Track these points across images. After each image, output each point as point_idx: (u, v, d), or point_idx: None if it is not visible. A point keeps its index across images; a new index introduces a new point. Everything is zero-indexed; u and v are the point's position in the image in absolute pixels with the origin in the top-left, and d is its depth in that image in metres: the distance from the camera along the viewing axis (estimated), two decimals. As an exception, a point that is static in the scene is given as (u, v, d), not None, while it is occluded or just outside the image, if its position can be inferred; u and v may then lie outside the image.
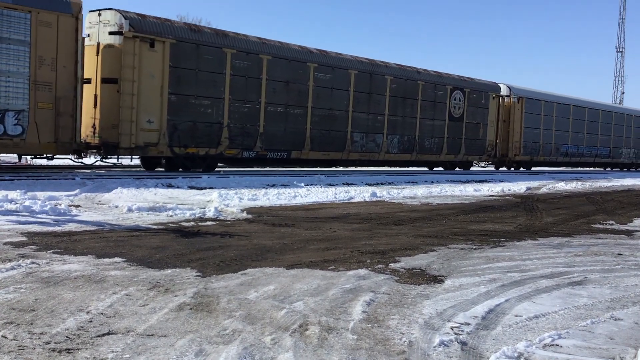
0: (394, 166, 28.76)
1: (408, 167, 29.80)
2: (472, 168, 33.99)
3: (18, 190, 11.10)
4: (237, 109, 19.84)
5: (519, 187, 20.62)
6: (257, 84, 20.36)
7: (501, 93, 32.64)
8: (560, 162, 38.98)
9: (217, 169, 22.16)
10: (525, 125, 34.08)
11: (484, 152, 31.14)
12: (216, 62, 19.24)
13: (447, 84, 28.69)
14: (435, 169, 30.53)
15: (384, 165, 28.59)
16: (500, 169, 35.03)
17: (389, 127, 25.67)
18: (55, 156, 16.73)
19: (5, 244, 6.73)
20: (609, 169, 45.84)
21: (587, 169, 43.30)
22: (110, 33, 16.93)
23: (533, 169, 37.20)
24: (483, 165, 37.93)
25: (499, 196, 17.21)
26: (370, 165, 28.10)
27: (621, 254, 7.77)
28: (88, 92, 16.98)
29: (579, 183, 24.68)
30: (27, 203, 9.86)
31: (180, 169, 19.23)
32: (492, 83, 32.14)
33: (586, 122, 40.22)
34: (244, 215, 10.38)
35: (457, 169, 30.99)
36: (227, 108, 19.56)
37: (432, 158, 28.55)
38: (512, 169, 35.38)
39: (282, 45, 21.55)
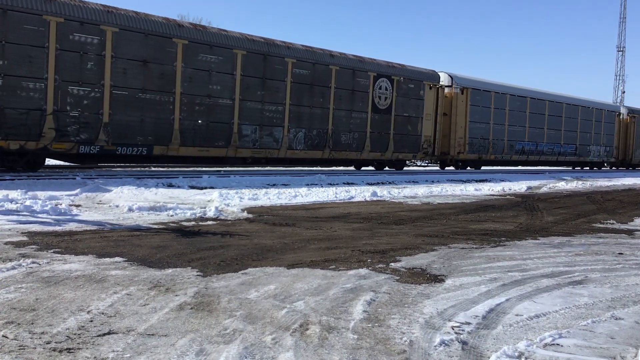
0: (300, 165, 24.43)
1: (321, 166, 25.98)
2: (412, 168, 30.98)
3: (19, 190, 11.11)
4: (69, 93, 16.00)
5: (519, 186, 20.62)
6: (100, 63, 16.56)
7: (441, 82, 28.74)
8: (515, 161, 34.99)
9: (217, 169, 22.04)
10: (472, 120, 30.25)
11: (419, 149, 27.23)
12: (35, 33, 15.33)
13: (370, 70, 24.63)
14: (363, 168, 27.23)
15: (287, 164, 24.27)
16: (447, 168, 31.44)
17: (292, 120, 21.81)
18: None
19: (6, 243, 6.73)
20: (578, 168, 42.36)
21: (549, 168, 39.63)
22: None
23: (483, 168, 33.69)
24: (422, 164, 33.66)
25: (500, 195, 17.21)
26: (270, 164, 24.20)
27: (622, 253, 7.77)
28: None
29: (580, 182, 24.67)
30: (27, 203, 9.86)
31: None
32: (428, 71, 28.15)
33: (547, 117, 36.26)
34: (245, 214, 10.38)
35: (386, 168, 27.11)
36: (51, 91, 15.66)
37: (351, 156, 24.36)
38: (456, 168, 31.59)
39: (137, 15, 17.65)
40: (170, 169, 22.21)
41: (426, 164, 33.69)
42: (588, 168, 42.45)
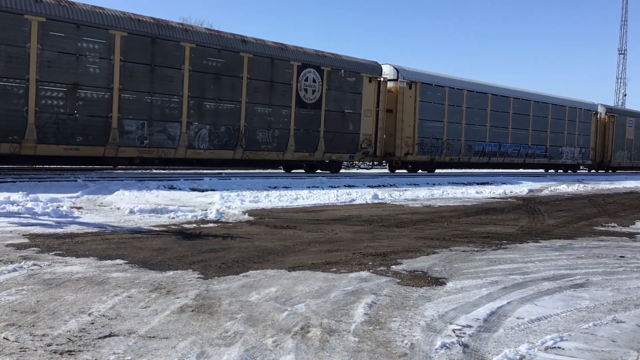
0: (206, 166, 21.83)
1: (234, 167, 23.38)
2: (353, 170, 27.99)
3: (20, 192, 11.13)
4: None
5: (520, 189, 20.61)
6: None
7: (384, 75, 25.65)
8: (475, 163, 31.87)
9: (219, 171, 22.00)
10: (422, 117, 27.30)
11: (357, 149, 24.33)
12: None
13: (293, 60, 21.80)
14: (295, 171, 24.35)
15: (191, 165, 21.45)
16: (398, 171, 28.53)
17: (193, 115, 18.95)
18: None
19: (8, 245, 6.74)
20: (552, 170, 39.11)
21: (515, 171, 36.30)
22: None
23: (438, 171, 30.33)
24: (364, 166, 29.56)
25: (501, 198, 17.20)
26: (167, 165, 20.91)
27: (623, 257, 7.76)
28: None
29: (581, 185, 24.66)
30: (29, 205, 9.88)
31: None
32: (368, 62, 25.12)
33: (511, 115, 33.15)
34: (246, 217, 10.38)
35: (319, 171, 23.96)
36: None
37: (271, 156, 21.51)
38: (409, 171, 28.54)
39: None
40: (171, 171, 22.22)
41: (370, 166, 29.69)
42: (562, 171, 39.33)
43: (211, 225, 9.31)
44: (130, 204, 10.89)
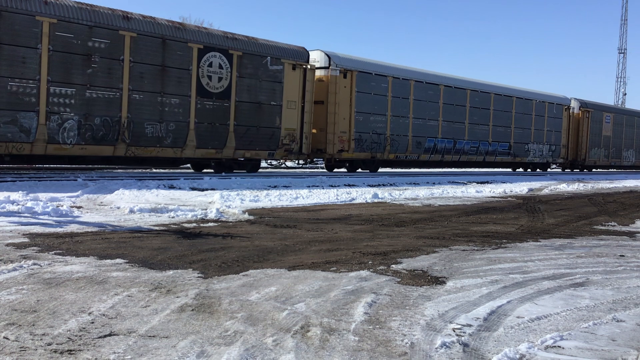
0: (80, 163, 18.62)
1: (118, 165, 20.51)
2: (285, 170, 25.52)
3: (20, 192, 11.13)
4: None
5: (520, 188, 20.61)
6: None
7: (312, 62, 22.92)
8: (425, 162, 28.96)
9: (341, 171, 22.28)
10: (359, 110, 24.47)
11: (278, 146, 21.56)
12: None
13: (192, 41, 18.84)
14: (206, 170, 21.67)
15: (57, 163, 17.92)
16: (337, 170, 25.87)
17: (55, 103, 15.96)
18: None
19: (8, 245, 6.74)
20: (520, 169, 36.67)
21: (474, 170, 33.51)
22: None
23: (382, 170, 27.70)
24: (287, 164, 26.41)
25: (501, 197, 17.20)
26: (25, 163, 17.85)
27: (623, 256, 7.76)
28: None
29: (581, 184, 24.66)
30: (29, 204, 9.88)
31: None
32: (292, 47, 22.31)
33: (468, 109, 30.15)
34: (246, 216, 10.38)
35: (235, 171, 21.11)
36: None
37: (165, 153, 18.50)
38: (348, 170, 25.76)
39: None
40: (171, 171, 22.23)
41: (300, 165, 26.49)
42: (530, 170, 36.78)
43: (211, 224, 9.31)
44: (130, 203, 10.89)
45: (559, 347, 3.98)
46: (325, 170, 26.51)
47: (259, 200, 12.88)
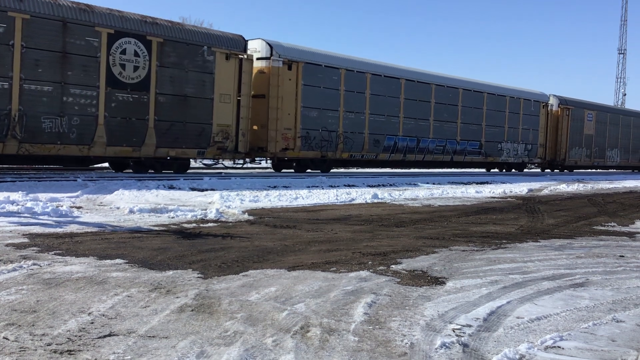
0: None
1: (8, 165, 17.55)
2: (224, 171, 23.27)
3: (20, 192, 11.13)
4: None
5: (520, 188, 20.61)
6: None
7: (251, 52, 20.91)
8: (384, 161, 26.65)
9: (218, 171, 21.92)
10: (307, 105, 22.33)
11: (209, 144, 19.44)
12: None
13: (101, 25, 16.65)
14: (126, 171, 19.28)
15: None
16: (285, 171, 23.65)
17: None
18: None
19: (7, 245, 6.74)
20: (495, 170, 34.33)
21: (439, 170, 31.13)
22: None
23: (335, 171, 25.53)
24: (217, 163, 23.67)
25: (501, 198, 17.20)
26: None
27: (623, 256, 7.76)
28: None
29: (581, 185, 24.67)
30: (28, 204, 9.87)
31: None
32: (226, 34, 20.04)
33: (433, 105, 27.87)
34: (246, 216, 10.38)
35: (164, 171, 19.00)
36: None
37: (68, 151, 16.44)
38: (295, 170, 23.41)
39: None
40: (171, 171, 22.21)
41: (235, 164, 23.77)
42: (505, 170, 34.63)
43: (211, 224, 9.31)
44: (130, 204, 10.89)
45: (559, 347, 3.98)
46: (272, 171, 24.43)
47: (259, 201, 12.88)
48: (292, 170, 23.60)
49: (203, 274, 5.66)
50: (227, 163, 24.12)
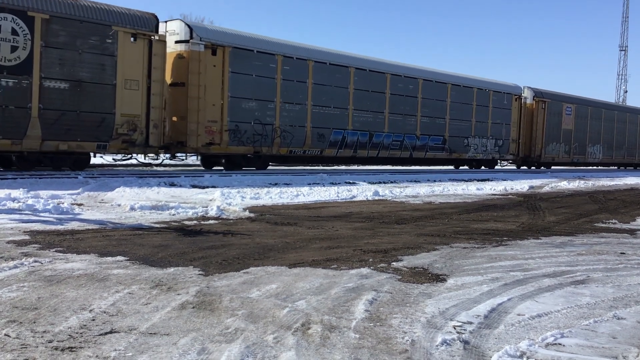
0: None
1: None
2: (145, 168, 20.65)
3: (21, 189, 11.13)
4: None
5: (521, 185, 20.61)
6: None
7: (168, 33, 18.83)
8: (332, 157, 24.29)
9: (219, 168, 21.65)
10: (235, 95, 20.09)
11: (111, 137, 16.96)
12: None
13: None
14: (10, 168, 16.51)
15: None
16: (216, 168, 21.58)
17: None
18: None
19: (8, 242, 6.74)
20: (465, 166, 32.12)
21: (398, 168, 28.90)
22: None
23: (274, 168, 23.80)
24: (127, 158, 19.19)
25: (502, 195, 17.20)
26: None
27: (624, 253, 7.76)
28: None
29: (582, 182, 24.66)
30: (30, 202, 9.88)
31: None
32: (133, 12, 17.57)
33: (389, 96, 25.52)
34: (247, 214, 10.38)
35: (65, 170, 16.63)
36: None
37: None
38: (225, 168, 20.96)
39: None
40: (172, 168, 22.23)
41: (145, 158, 20.93)
42: (473, 167, 32.16)
43: (212, 222, 9.31)
44: (131, 201, 10.89)
45: (560, 344, 3.99)
46: (202, 168, 22.12)
47: (260, 198, 12.89)
48: (222, 168, 21.37)
49: (204, 271, 5.66)
50: (143, 159, 21.11)
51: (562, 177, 27.16)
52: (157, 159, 21.07)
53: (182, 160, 22.60)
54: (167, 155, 20.52)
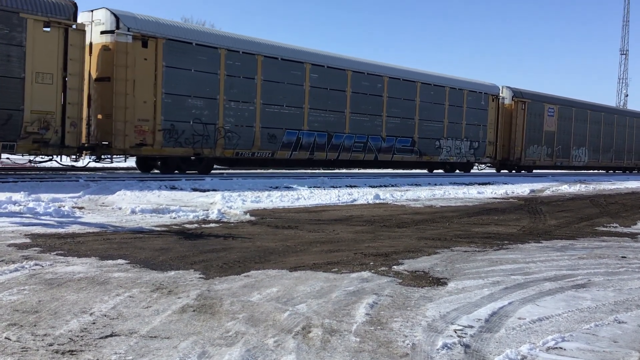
0: None
1: None
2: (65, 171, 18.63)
3: (22, 192, 11.14)
4: None
5: (522, 189, 20.60)
6: None
7: (84, 22, 17.15)
8: (285, 160, 22.60)
9: (220, 171, 21.48)
10: (171, 91, 18.44)
11: (18, 136, 15.48)
12: None
13: None
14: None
15: None
16: (155, 172, 19.81)
17: None
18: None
19: (9, 245, 6.74)
20: (440, 170, 30.71)
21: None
22: None
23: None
24: (36, 160, 17.43)
25: (503, 199, 17.19)
26: None
27: (625, 257, 7.75)
28: None
29: (583, 186, 24.65)
30: (30, 205, 9.89)
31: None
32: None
33: (350, 95, 24.00)
34: (247, 217, 10.38)
35: None
36: None
37: None
38: (161, 171, 19.54)
39: None
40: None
41: (74, 160, 18.63)
42: (447, 171, 30.73)
43: (213, 225, 9.31)
44: (132, 204, 10.89)
45: (561, 348, 3.98)
46: (139, 171, 20.40)
47: (261, 201, 12.89)
48: (158, 172, 19.86)
49: (205, 275, 5.66)
50: (72, 162, 19.02)
51: (563, 181, 27.14)
52: (78, 161, 18.94)
53: (111, 162, 20.46)
54: (93, 157, 18.74)
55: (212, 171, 21.24)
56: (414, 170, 30.29)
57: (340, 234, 8.81)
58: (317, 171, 25.46)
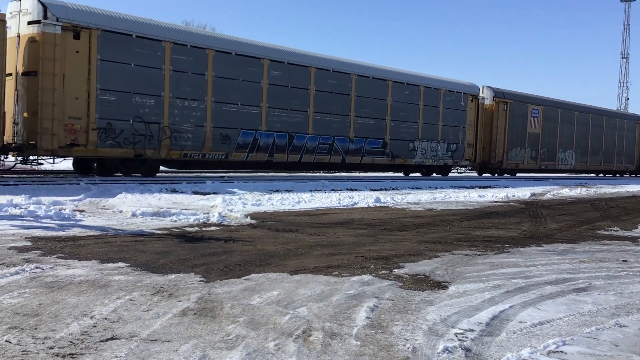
0: None
1: None
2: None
3: (23, 195, 11.15)
4: None
5: (523, 193, 20.60)
6: None
7: (11, 11, 16.30)
8: (241, 162, 21.18)
9: (221, 174, 21.13)
10: (107, 87, 17.06)
11: None
12: None
13: None
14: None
15: None
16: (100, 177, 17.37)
17: None
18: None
19: (10, 248, 6.75)
20: (417, 173, 28.96)
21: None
22: None
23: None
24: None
25: (503, 202, 17.18)
26: None
27: (626, 261, 7.74)
28: None
29: (584, 189, 24.64)
30: (31, 208, 9.89)
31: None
32: None
33: (314, 93, 22.51)
34: (248, 220, 10.38)
35: None
36: None
37: None
38: (100, 174, 17.78)
39: None
40: (173, 174, 22.24)
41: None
42: (423, 174, 28.94)
43: (213, 228, 9.31)
44: (133, 207, 10.90)
45: (562, 352, 3.97)
46: (79, 176, 18.16)
47: (261, 204, 12.89)
48: (94, 175, 18.20)
49: (205, 278, 5.66)
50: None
51: (564, 185, 27.13)
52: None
53: (39, 164, 18.48)
54: (20, 159, 17.38)
55: (194, 174, 19.90)
56: (387, 174, 29.02)
57: (341, 237, 8.81)
58: (317, 174, 25.23)
